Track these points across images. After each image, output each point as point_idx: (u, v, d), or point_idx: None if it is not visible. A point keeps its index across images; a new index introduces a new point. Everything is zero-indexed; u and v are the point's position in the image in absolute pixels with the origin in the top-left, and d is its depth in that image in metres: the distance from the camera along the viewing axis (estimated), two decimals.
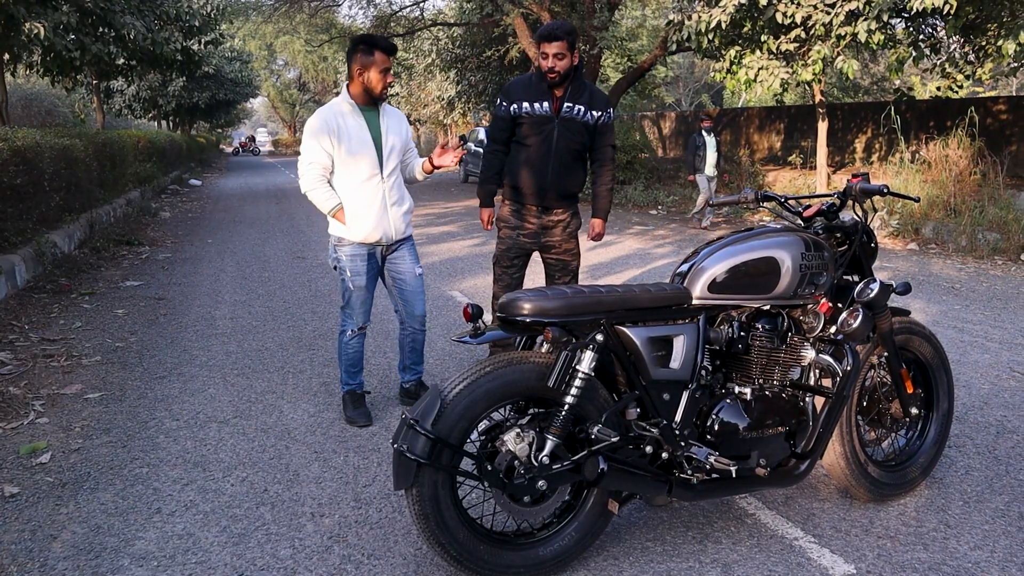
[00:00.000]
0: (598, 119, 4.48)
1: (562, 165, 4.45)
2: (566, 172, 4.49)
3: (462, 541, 2.72)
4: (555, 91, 4.41)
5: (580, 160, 4.57)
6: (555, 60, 4.25)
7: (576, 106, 4.40)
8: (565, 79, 4.35)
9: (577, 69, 4.41)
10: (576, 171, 4.55)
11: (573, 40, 4.30)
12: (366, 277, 4.34)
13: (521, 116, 4.47)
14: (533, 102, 4.42)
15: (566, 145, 4.44)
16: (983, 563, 3.05)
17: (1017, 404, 4.82)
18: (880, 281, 3.16)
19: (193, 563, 3.05)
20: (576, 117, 4.41)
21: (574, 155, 4.50)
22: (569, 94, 4.39)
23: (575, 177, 4.56)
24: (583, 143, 4.51)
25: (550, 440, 2.70)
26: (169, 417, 4.59)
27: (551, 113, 4.41)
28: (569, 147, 4.45)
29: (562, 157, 4.45)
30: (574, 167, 4.53)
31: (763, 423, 3.04)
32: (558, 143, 4.42)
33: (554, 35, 4.24)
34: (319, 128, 4.14)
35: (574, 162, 4.52)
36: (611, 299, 2.81)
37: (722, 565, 3.00)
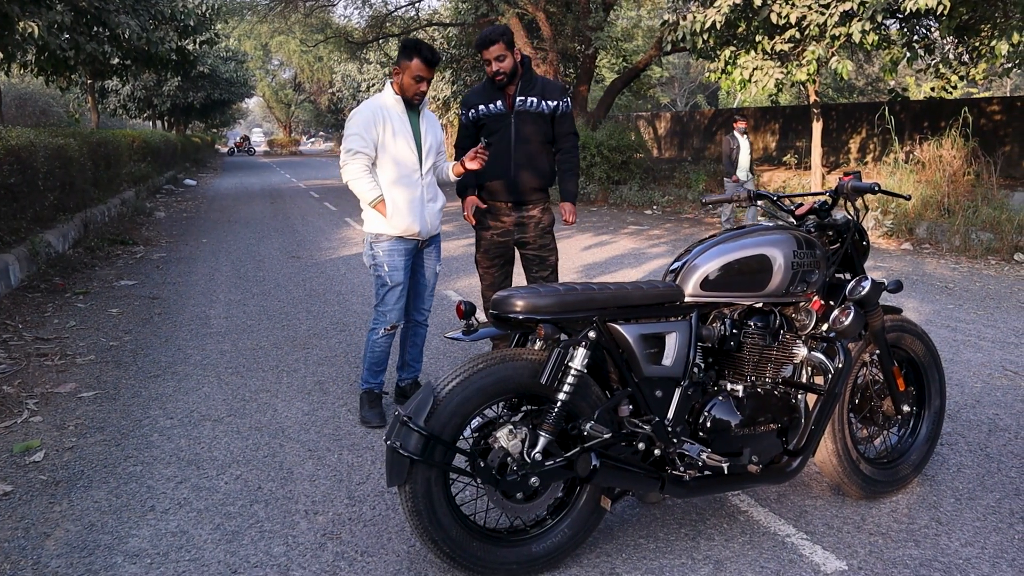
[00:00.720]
0: (554, 109, 4.58)
1: (525, 158, 4.52)
2: (530, 165, 4.55)
3: (455, 538, 2.72)
4: (507, 90, 4.54)
5: (544, 152, 4.63)
6: (497, 63, 4.41)
7: (528, 99, 4.52)
8: (514, 77, 4.48)
9: (524, 65, 4.54)
10: (540, 163, 4.61)
11: (509, 39, 4.44)
12: (403, 272, 4.37)
13: (480, 119, 4.59)
14: (488, 103, 4.56)
15: (525, 138, 4.53)
16: (974, 559, 3.07)
17: (1009, 402, 4.84)
18: (871, 279, 3.18)
19: (186, 560, 3.05)
20: (531, 109, 4.52)
21: (536, 147, 4.58)
22: (520, 89, 4.53)
23: (540, 169, 4.62)
24: (543, 133, 4.59)
25: (543, 437, 2.71)
26: (163, 415, 4.59)
27: (506, 110, 4.53)
28: (529, 139, 4.53)
29: (524, 150, 4.54)
30: (538, 160, 4.60)
31: (755, 420, 3.06)
32: (516, 137, 4.51)
33: (489, 40, 4.39)
34: (368, 118, 4.20)
35: (537, 155, 4.59)
36: (604, 296, 2.82)
37: (714, 562, 3.02)
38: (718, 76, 13.37)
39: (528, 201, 4.63)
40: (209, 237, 12.17)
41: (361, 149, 4.19)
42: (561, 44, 18.06)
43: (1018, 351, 5.93)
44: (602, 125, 17.90)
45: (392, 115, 4.24)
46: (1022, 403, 4.82)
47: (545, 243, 4.72)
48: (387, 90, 4.31)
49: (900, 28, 12.63)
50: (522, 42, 17.80)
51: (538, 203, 4.69)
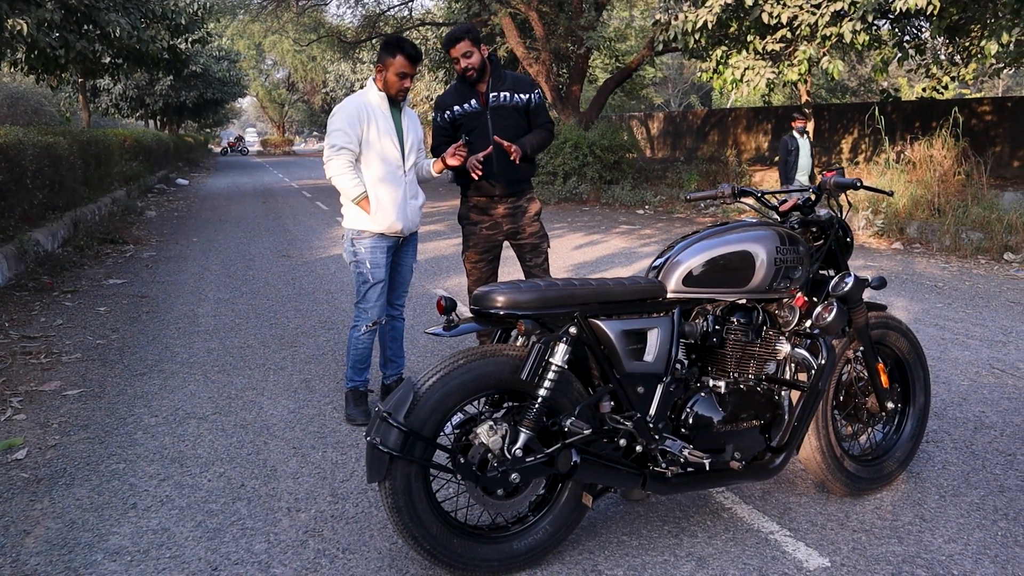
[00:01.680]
0: (527, 102, 4.60)
1: (504, 153, 4.51)
2: (510, 158, 4.53)
3: (435, 534, 2.71)
4: (479, 88, 4.54)
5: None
6: (465, 59, 4.40)
7: (501, 93, 4.53)
8: (483, 74, 4.48)
9: (492, 63, 4.56)
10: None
11: (475, 36, 4.46)
12: (385, 270, 4.36)
13: (456, 119, 4.59)
14: (462, 103, 4.56)
15: (503, 132, 4.52)
16: (957, 556, 3.07)
17: (995, 400, 4.84)
18: (854, 275, 3.17)
19: (167, 558, 3.04)
20: (505, 103, 4.54)
21: (514, 141, 4.55)
22: (491, 85, 4.53)
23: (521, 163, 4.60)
24: (520, 126, 4.60)
25: (523, 433, 2.70)
26: (148, 413, 4.57)
27: (481, 107, 4.53)
28: (507, 133, 4.53)
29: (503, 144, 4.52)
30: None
31: (738, 417, 3.05)
32: (494, 132, 4.51)
33: (456, 38, 4.40)
34: (352, 114, 4.18)
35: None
36: (585, 292, 2.81)
37: (697, 559, 3.01)
38: (710, 76, 13.37)
39: (514, 193, 4.65)
40: (200, 236, 12.14)
41: (346, 145, 4.18)
42: (554, 44, 18.05)
43: (1005, 349, 5.94)
44: (594, 125, 17.90)
45: (376, 112, 4.23)
46: (1008, 401, 4.83)
47: (535, 231, 4.74)
48: (370, 87, 4.29)
49: (891, 28, 12.64)
50: (515, 42, 17.81)
51: (524, 193, 4.71)
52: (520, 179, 4.67)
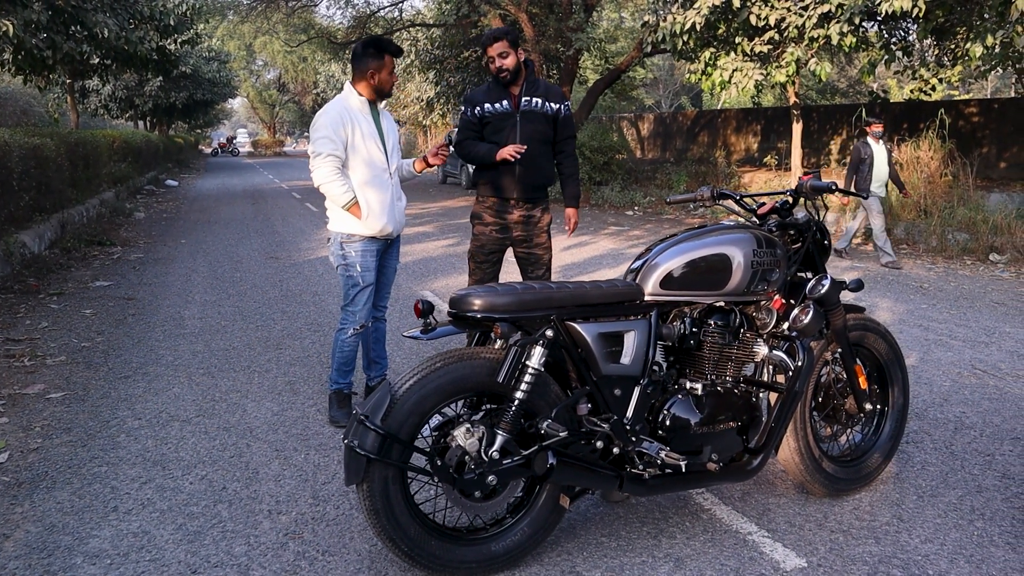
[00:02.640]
0: (557, 111, 4.64)
1: (530, 156, 4.56)
2: (534, 163, 4.60)
3: (413, 536, 2.72)
4: (511, 90, 4.58)
5: (547, 153, 4.68)
6: (500, 60, 4.45)
7: (533, 99, 4.57)
8: (517, 76, 4.53)
9: (528, 68, 4.61)
10: (543, 163, 4.67)
11: (513, 38, 4.51)
12: (374, 273, 4.39)
13: (486, 117, 4.61)
14: (494, 103, 4.60)
15: (530, 136, 4.57)
16: (932, 556, 3.09)
17: (976, 400, 4.87)
18: (831, 278, 3.20)
19: (147, 560, 3.04)
20: (536, 109, 4.57)
21: (539, 147, 4.62)
22: (524, 90, 4.58)
23: (543, 168, 4.66)
24: (546, 134, 4.64)
25: (500, 435, 2.71)
26: (131, 416, 4.57)
27: (512, 109, 4.56)
28: (534, 138, 4.58)
29: (529, 149, 4.55)
30: (541, 159, 4.65)
31: (715, 418, 3.07)
32: (521, 136, 4.55)
33: (495, 37, 4.47)
34: (336, 119, 4.19)
35: (540, 155, 4.64)
36: (561, 295, 2.83)
37: (675, 560, 3.03)
38: (698, 77, 13.40)
39: (533, 198, 4.68)
40: (188, 238, 12.11)
41: (332, 151, 4.18)
42: (543, 45, 18.07)
43: (988, 350, 5.98)
44: (584, 126, 17.92)
45: (358, 117, 4.25)
46: (989, 401, 4.86)
47: (542, 242, 4.77)
48: (349, 93, 4.30)
49: (879, 30, 12.70)
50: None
51: (541, 202, 4.74)
52: (540, 185, 4.70)
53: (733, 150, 20.71)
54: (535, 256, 4.76)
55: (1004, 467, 3.93)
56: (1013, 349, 6.01)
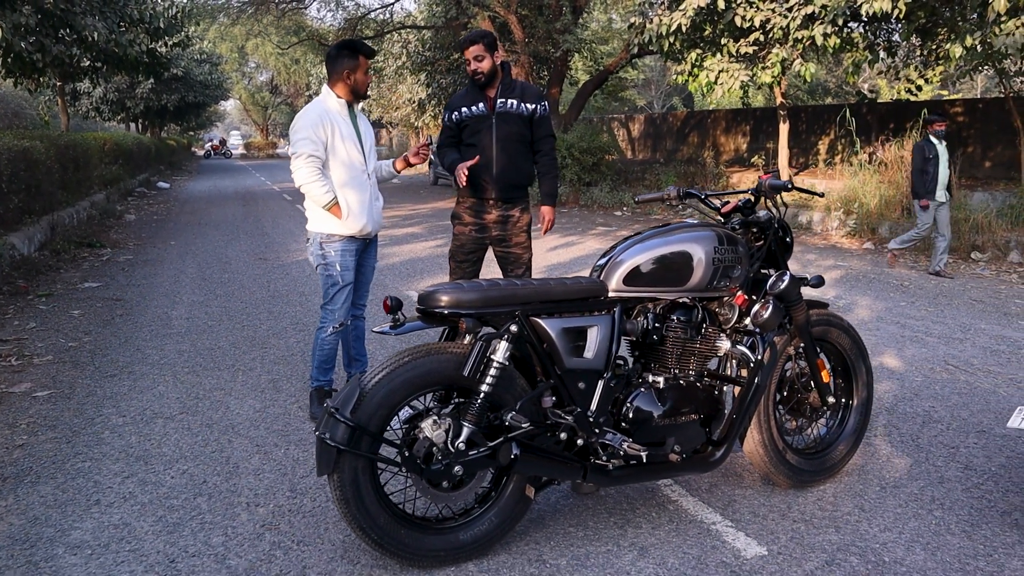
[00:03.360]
0: (533, 111, 4.73)
1: (507, 157, 4.66)
2: (511, 163, 4.70)
3: (382, 525, 2.82)
4: (487, 92, 4.68)
5: (524, 153, 4.78)
6: (475, 62, 4.57)
7: (509, 100, 4.67)
8: (492, 79, 4.64)
9: (504, 70, 4.72)
10: (521, 163, 4.76)
11: (490, 42, 4.61)
12: (353, 272, 4.48)
13: (463, 120, 4.72)
14: (470, 106, 4.70)
15: (506, 137, 4.67)
16: (890, 544, 3.19)
17: (946, 395, 4.98)
18: (790, 274, 3.30)
19: (126, 551, 3.12)
20: (511, 111, 4.67)
21: (516, 147, 4.71)
22: (500, 92, 4.68)
23: (521, 168, 4.76)
24: (523, 135, 4.74)
25: (466, 427, 2.80)
26: (116, 414, 4.65)
27: (487, 111, 4.66)
28: (510, 139, 4.68)
29: (505, 149, 4.67)
30: (519, 159, 4.75)
31: (677, 411, 3.17)
32: (498, 136, 4.65)
33: (472, 40, 4.59)
34: (315, 120, 4.28)
35: (518, 155, 4.74)
36: (526, 292, 2.92)
37: (639, 548, 3.12)
38: (685, 78, 13.52)
39: (511, 198, 4.76)
40: (178, 240, 12.18)
41: (313, 152, 4.27)
42: (532, 47, 18.18)
43: (962, 346, 6.09)
44: (574, 127, 18.03)
45: (337, 119, 4.34)
46: (958, 396, 4.97)
47: (521, 241, 4.85)
48: (327, 95, 4.39)
49: (864, 31, 12.82)
50: None
51: (520, 201, 4.82)
52: (517, 185, 4.79)
53: (723, 150, 20.83)
54: (514, 255, 4.85)
55: (967, 459, 4.03)
56: (986, 345, 6.12)
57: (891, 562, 3.05)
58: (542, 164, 4.84)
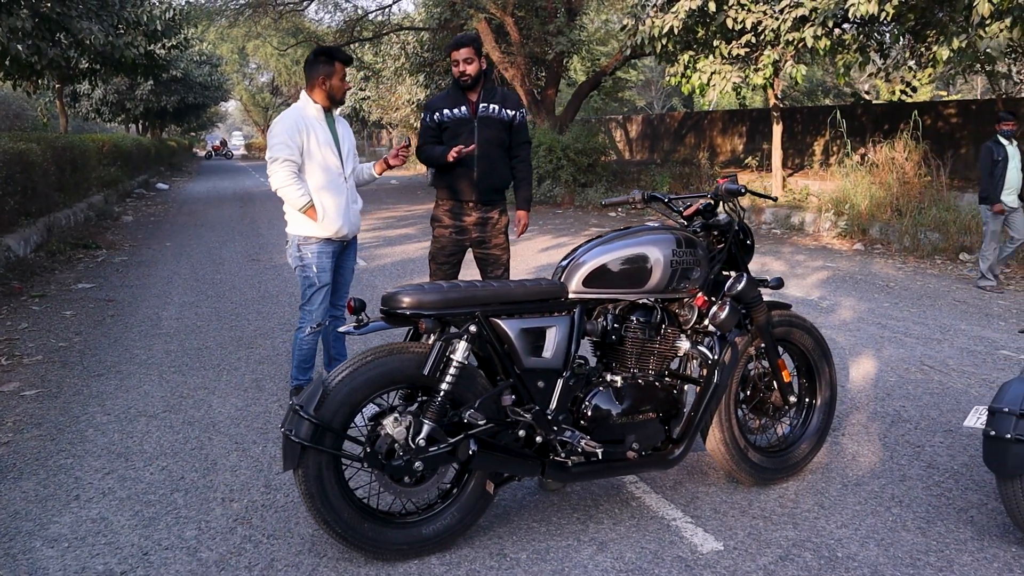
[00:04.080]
0: (513, 117, 4.82)
1: (486, 160, 4.76)
2: (491, 167, 4.79)
3: (346, 519, 2.91)
4: (470, 96, 4.75)
5: (503, 157, 4.88)
6: (464, 64, 4.65)
7: (491, 105, 4.76)
8: (477, 83, 4.72)
9: (487, 75, 4.80)
10: (500, 166, 4.86)
11: (478, 46, 4.72)
12: (330, 273, 4.58)
13: (444, 122, 4.79)
14: (452, 108, 4.77)
15: (487, 141, 4.76)
16: (845, 540, 3.27)
17: (918, 395, 5.06)
18: (747, 275, 3.39)
19: (102, 544, 3.22)
20: (492, 115, 4.77)
21: (496, 151, 4.81)
22: (482, 96, 4.77)
23: (500, 172, 4.86)
24: (502, 139, 4.84)
25: (426, 424, 2.90)
26: (101, 412, 4.75)
27: (469, 115, 4.74)
28: (490, 143, 4.77)
29: (486, 153, 4.76)
30: (498, 163, 4.84)
31: (636, 409, 3.26)
32: (479, 140, 4.73)
33: (460, 43, 4.68)
34: (291, 126, 4.39)
35: (497, 159, 4.83)
36: (486, 293, 3.02)
37: (598, 543, 3.21)
38: (678, 80, 13.61)
39: (490, 201, 4.86)
40: (173, 241, 12.29)
41: (289, 157, 4.37)
42: (528, 49, 18.27)
43: (940, 347, 6.17)
44: (569, 128, 18.12)
45: (314, 124, 4.44)
46: (930, 396, 5.05)
47: (499, 243, 4.94)
48: (305, 101, 4.49)
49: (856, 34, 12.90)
50: (490, 46, 18.00)
51: (498, 204, 4.92)
52: (497, 188, 4.88)
53: (719, 151, 20.91)
54: (493, 257, 4.94)
55: (931, 458, 4.12)
56: (964, 346, 6.20)
57: (844, 557, 3.14)
58: (518, 170, 4.93)
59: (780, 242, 12.15)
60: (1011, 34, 8.96)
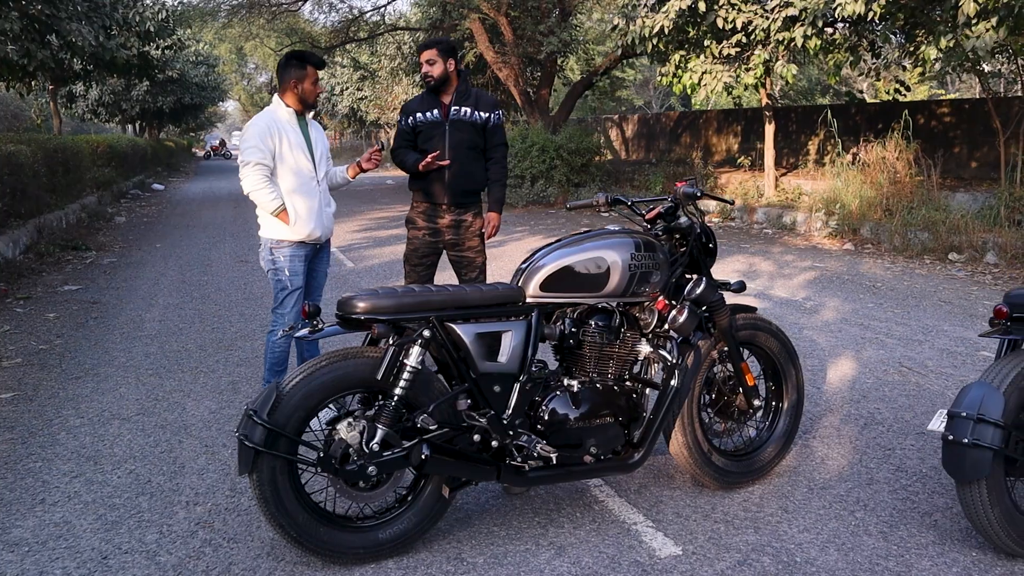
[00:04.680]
0: (487, 120, 4.83)
1: (459, 163, 4.77)
2: (463, 170, 4.81)
3: (301, 523, 2.92)
4: (442, 99, 4.76)
5: (477, 160, 4.89)
6: (427, 66, 4.70)
7: (463, 108, 4.77)
8: (444, 85, 4.75)
9: (461, 77, 4.82)
10: (474, 169, 4.87)
11: (444, 48, 4.74)
12: (303, 276, 4.59)
13: (417, 126, 4.81)
14: (425, 112, 4.79)
15: (459, 144, 4.77)
16: (805, 544, 3.27)
17: (893, 397, 5.05)
18: (706, 279, 3.39)
19: (63, 548, 3.23)
20: (464, 118, 4.78)
21: (469, 154, 4.82)
22: (455, 99, 4.78)
23: (474, 174, 4.87)
24: (475, 142, 4.84)
25: (380, 429, 2.90)
26: (75, 415, 4.76)
27: (441, 118, 4.75)
28: (462, 146, 4.79)
29: (458, 156, 4.78)
30: (471, 166, 4.85)
31: (593, 414, 3.26)
32: (451, 143, 4.75)
33: (426, 45, 4.74)
34: (263, 130, 4.40)
35: (470, 161, 4.84)
36: (440, 298, 3.02)
37: (557, 547, 3.21)
38: (670, 80, 13.60)
39: (464, 203, 4.87)
40: (164, 242, 12.30)
41: (260, 160, 4.38)
42: (522, 49, 18.27)
43: (920, 348, 6.16)
44: (563, 128, 18.11)
45: (286, 128, 4.44)
46: (906, 398, 5.04)
47: (474, 245, 4.95)
48: (277, 105, 4.50)
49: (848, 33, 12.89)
50: (484, 46, 18.00)
51: (473, 206, 4.93)
52: (470, 191, 4.89)
53: (715, 151, 20.88)
54: (467, 259, 4.95)
55: (901, 461, 4.11)
56: (945, 347, 6.19)
57: (802, 562, 3.14)
58: (493, 172, 4.94)
59: (771, 242, 12.14)
60: (997, 34, 8.92)
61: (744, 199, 14.89)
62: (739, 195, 15.22)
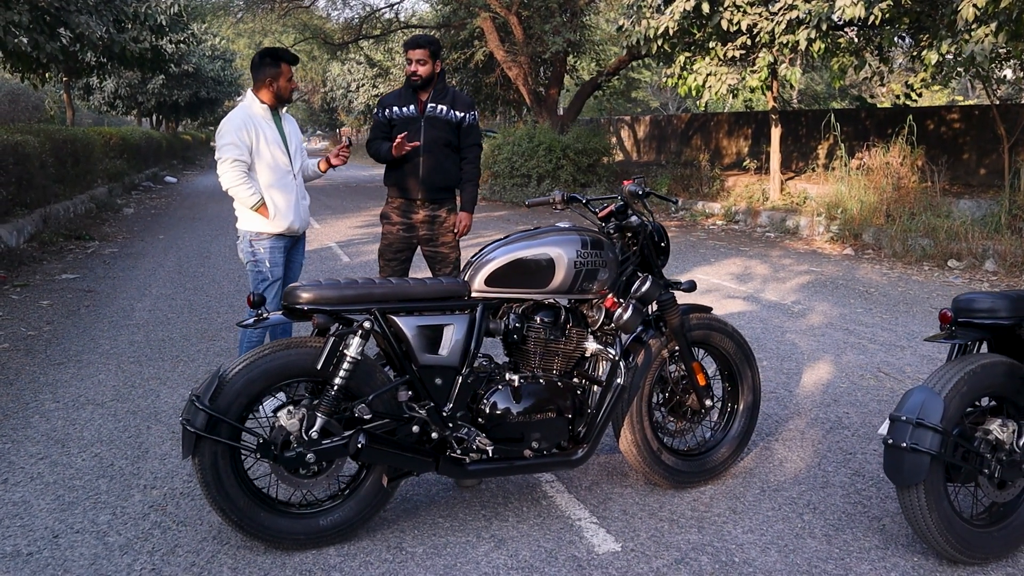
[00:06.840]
0: (462, 119, 4.89)
1: (433, 159, 4.84)
2: (437, 166, 4.86)
3: (242, 508, 2.98)
4: (420, 96, 4.82)
5: (451, 157, 4.94)
6: (417, 65, 4.75)
7: (439, 106, 4.83)
8: (428, 83, 4.80)
9: (440, 76, 4.88)
10: (447, 166, 4.92)
11: (434, 49, 4.79)
12: (282, 268, 4.67)
13: (393, 119, 4.87)
14: (401, 106, 4.86)
15: (433, 141, 4.83)
16: (747, 545, 3.29)
17: (865, 402, 5.05)
18: (652, 278, 3.41)
19: (17, 526, 3.32)
20: (440, 116, 4.84)
21: (443, 151, 4.88)
22: (432, 96, 4.85)
23: (447, 171, 4.92)
24: (450, 140, 4.90)
25: (319, 418, 2.96)
26: (51, 400, 4.85)
27: (417, 114, 4.82)
28: (436, 142, 4.84)
29: (431, 152, 4.84)
30: (445, 163, 4.91)
31: (536, 409, 3.29)
32: (426, 139, 4.81)
33: (417, 43, 4.76)
34: (239, 125, 4.47)
35: (444, 158, 4.90)
36: (383, 290, 3.08)
37: (497, 540, 3.25)
38: (675, 81, 13.60)
39: (438, 199, 4.92)
40: (167, 234, 12.43)
41: (238, 157, 4.45)
42: (531, 48, 18.31)
43: (901, 354, 6.14)
44: (571, 128, 18.14)
45: (261, 123, 4.51)
46: (878, 403, 5.04)
47: (447, 241, 5.01)
48: (251, 100, 4.57)
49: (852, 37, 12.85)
50: (494, 45, 18.05)
51: (447, 203, 4.98)
52: (444, 187, 4.94)
53: (725, 153, 20.84)
54: (441, 255, 5.01)
55: (860, 465, 4.11)
56: (926, 354, 6.17)
57: (740, 562, 3.16)
58: (466, 171, 4.99)
59: (771, 245, 12.12)
60: (996, 39, 8.87)
61: (749, 202, 14.85)
62: (744, 198, 15.19)
